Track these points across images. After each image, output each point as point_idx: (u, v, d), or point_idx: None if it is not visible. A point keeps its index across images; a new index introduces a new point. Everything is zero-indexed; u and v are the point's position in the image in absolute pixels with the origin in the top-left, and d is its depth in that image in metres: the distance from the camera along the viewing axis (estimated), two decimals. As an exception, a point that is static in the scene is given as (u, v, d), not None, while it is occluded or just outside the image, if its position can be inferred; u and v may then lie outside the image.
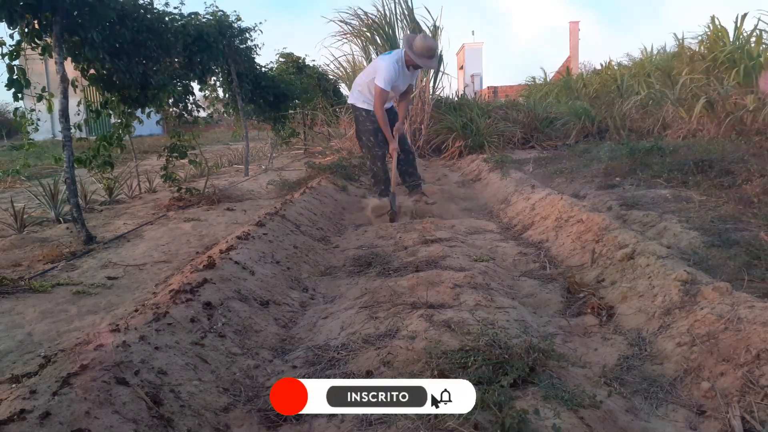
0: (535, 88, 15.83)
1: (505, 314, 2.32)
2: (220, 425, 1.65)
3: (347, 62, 12.15)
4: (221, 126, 21.92)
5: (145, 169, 7.74)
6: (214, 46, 6.63)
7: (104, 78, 4.69)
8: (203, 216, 5.06)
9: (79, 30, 4.03)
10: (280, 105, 9.53)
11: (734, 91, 7.31)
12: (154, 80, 4.96)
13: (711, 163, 4.89)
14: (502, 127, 9.76)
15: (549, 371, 1.76)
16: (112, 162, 5.09)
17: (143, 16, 4.73)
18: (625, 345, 2.09)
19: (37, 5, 3.62)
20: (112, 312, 2.63)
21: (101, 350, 1.72)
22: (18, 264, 3.53)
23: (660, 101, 9.07)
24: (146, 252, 3.81)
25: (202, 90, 7.57)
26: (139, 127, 5.79)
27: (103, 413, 1.44)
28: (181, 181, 6.68)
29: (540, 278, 3.01)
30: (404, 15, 10.25)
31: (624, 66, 13.25)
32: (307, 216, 4.44)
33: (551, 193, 4.53)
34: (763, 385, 1.59)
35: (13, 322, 2.52)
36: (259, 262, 3.03)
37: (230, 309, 2.37)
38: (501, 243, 3.85)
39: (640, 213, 3.80)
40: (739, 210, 3.55)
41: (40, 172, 8.56)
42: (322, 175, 6.60)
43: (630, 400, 1.72)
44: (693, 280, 2.22)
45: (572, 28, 26.31)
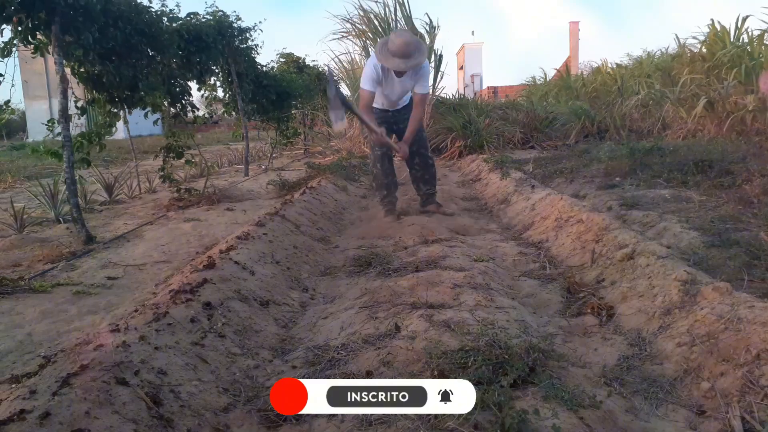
0: (535, 88, 15.86)
1: (505, 314, 2.32)
2: (220, 425, 1.65)
3: (348, 62, 12.16)
4: (221, 126, 21.93)
5: (145, 169, 7.74)
6: (213, 46, 6.63)
7: (94, 78, 4.66)
8: (203, 216, 5.06)
9: (74, 31, 4.03)
10: (283, 103, 9.53)
11: (734, 91, 7.31)
12: (143, 84, 4.91)
13: (711, 163, 4.89)
14: (502, 127, 9.76)
15: (549, 371, 1.76)
16: (89, 159, 5.01)
17: (137, 18, 4.69)
18: (625, 345, 2.09)
19: (30, 5, 3.62)
20: (112, 312, 2.63)
21: (101, 350, 1.72)
22: (18, 264, 3.53)
23: (660, 101, 9.07)
24: (146, 252, 3.81)
25: (200, 90, 7.55)
26: (139, 127, 5.78)
27: (103, 413, 1.44)
28: (181, 181, 6.68)
29: (540, 278, 3.00)
30: (406, 17, 10.24)
31: (624, 66, 13.27)
32: (307, 216, 4.44)
33: (551, 193, 4.53)
34: (763, 385, 1.58)
35: (13, 322, 2.52)
36: (259, 262, 3.03)
37: (230, 309, 2.37)
38: (501, 243, 3.85)
39: (640, 213, 3.80)
40: (739, 210, 3.54)
41: (40, 172, 8.57)
42: (322, 175, 6.60)
43: (630, 401, 1.71)
44: (693, 280, 2.22)
45: (572, 28, 26.34)
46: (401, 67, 4.10)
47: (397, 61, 4.06)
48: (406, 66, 4.10)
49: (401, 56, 4.05)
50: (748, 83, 7.56)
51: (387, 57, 4.09)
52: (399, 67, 4.11)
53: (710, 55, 8.44)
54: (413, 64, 4.11)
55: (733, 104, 7.07)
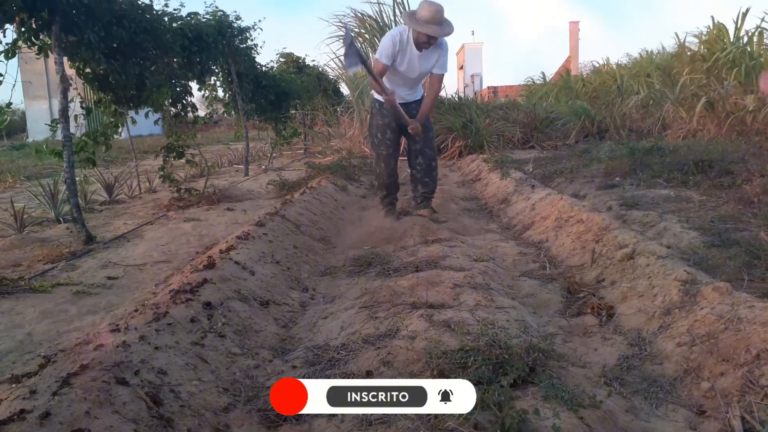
0: (535, 88, 15.87)
1: (505, 314, 2.32)
2: (220, 425, 1.65)
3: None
4: (221, 126, 21.93)
5: (145, 169, 7.74)
6: (213, 46, 6.63)
7: (100, 78, 4.67)
8: (203, 216, 5.06)
9: (76, 30, 4.03)
10: (282, 104, 9.53)
11: (734, 90, 7.31)
12: (150, 82, 4.93)
13: (711, 163, 4.89)
14: (502, 127, 9.77)
15: (549, 371, 1.76)
16: (95, 159, 5.02)
17: (141, 17, 4.71)
18: (625, 345, 2.09)
19: (31, 5, 3.62)
20: (112, 312, 2.63)
21: (101, 350, 1.72)
22: (18, 264, 3.53)
23: (660, 101, 9.08)
24: (146, 252, 3.81)
25: (201, 90, 7.56)
26: (139, 127, 5.78)
27: (103, 413, 1.44)
28: (181, 181, 6.68)
29: (540, 278, 3.01)
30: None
31: (624, 66, 13.27)
32: (307, 216, 4.44)
33: (551, 193, 4.53)
34: (763, 385, 1.58)
35: (13, 322, 2.52)
36: (259, 262, 3.03)
37: (230, 309, 2.37)
38: (501, 243, 3.85)
39: (640, 213, 3.80)
40: (739, 210, 3.54)
41: (40, 172, 8.57)
42: (322, 175, 6.59)
43: (630, 400, 1.71)
44: (693, 280, 2.22)
45: (572, 28, 26.31)
46: (437, 33, 3.95)
47: (434, 27, 3.91)
48: (442, 32, 3.98)
49: (435, 23, 3.91)
50: (748, 83, 7.56)
51: (420, 24, 3.92)
52: (436, 33, 3.95)
53: (710, 55, 8.44)
54: (447, 32, 4.01)
55: (733, 104, 7.07)
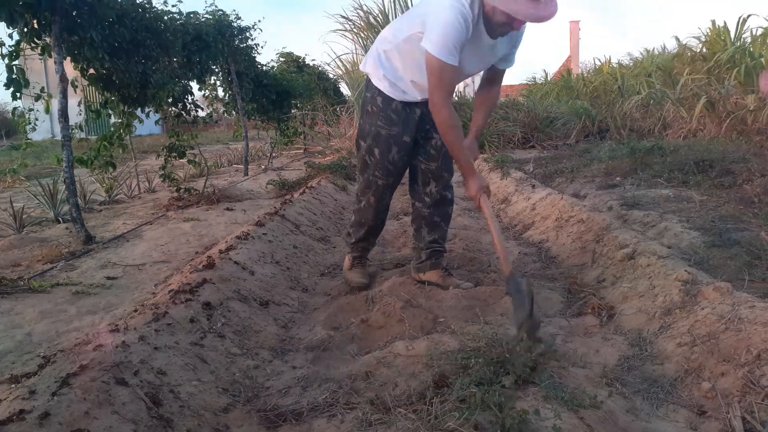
0: (536, 87, 15.84)
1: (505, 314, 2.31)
2: (220, 425, 1.65)
3: (348, 61, 12.13)
4: (221, 126, 21.91)
5: (144, 168, 7.73)
6: (213, 45, 6.63)
7: (104, 78, 4.69)
8: (203, 216, 5.05)
9: (78, 30, 4.03)
10: (283, 103, 9.53)
11: (735, 90, 7.31)
12: (154, 79, 4.95)
13: (712, 162, 4.88)
14: (502, 127, 9.75)
15: (550, 371, 1.76)
16: (114, 162, 5.09)
17: (142, 15, 4.72)
18: (626, 345, 2.08)
19: (36, 4, 3.62)
20: (111, 312, 2.62)
21: (100, 350, 1.72)
22: (17, 264, 3.52)
23: (661, 101, 9.07)
24: (145, 252, 3.80)
25: (201, 90, 7.56)
26: (139, 127, 5.78)
27: (103, 413, 1.44)
28: (180, 180, 6.67)
29: (540, 278, 3.00)
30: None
31: (625, 66, 13.27)
32: (307, 216, 4.43)
33: (552, 193, 4.53)
34: (764, 385, 1.58)
35: (12, 322, 2.52)
36: (258, 262, 3.02)
37: (230, 309, 2.37)
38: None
39: (640, 213, 3.79)
40: (740, 210, 3.54)
41: (39, 172, 8.55)
42: (321, 175, 6.59)
43: (631, 401, 1.71)
44: (694, 280, 2.22)
45: (572, 28, 26.32)
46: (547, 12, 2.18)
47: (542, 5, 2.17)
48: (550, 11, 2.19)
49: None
50: (748, 83, 7.55)
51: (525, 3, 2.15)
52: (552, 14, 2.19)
53: (711, 55, 8.44)
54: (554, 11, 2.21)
55: (733, 104, 7.07)
